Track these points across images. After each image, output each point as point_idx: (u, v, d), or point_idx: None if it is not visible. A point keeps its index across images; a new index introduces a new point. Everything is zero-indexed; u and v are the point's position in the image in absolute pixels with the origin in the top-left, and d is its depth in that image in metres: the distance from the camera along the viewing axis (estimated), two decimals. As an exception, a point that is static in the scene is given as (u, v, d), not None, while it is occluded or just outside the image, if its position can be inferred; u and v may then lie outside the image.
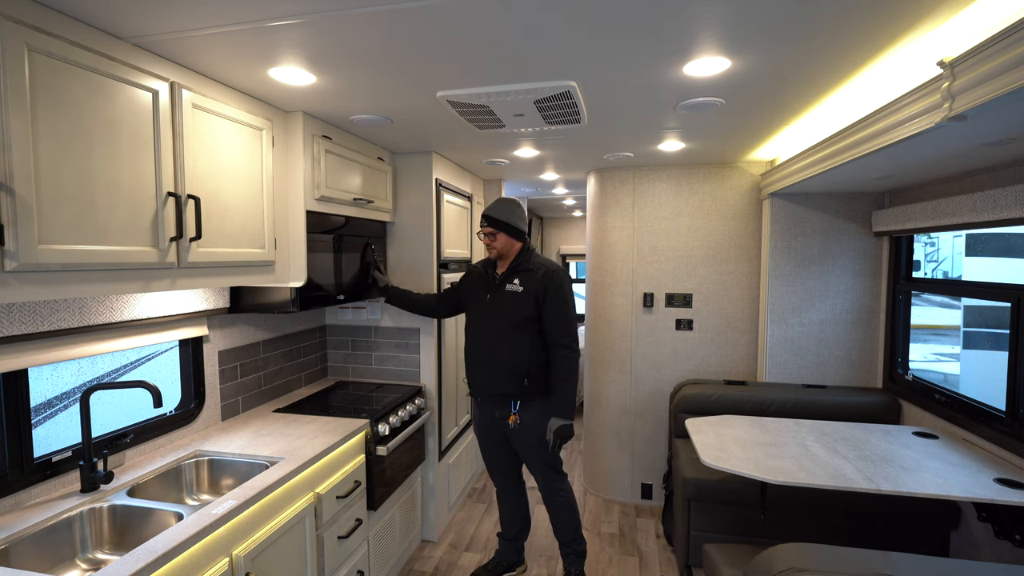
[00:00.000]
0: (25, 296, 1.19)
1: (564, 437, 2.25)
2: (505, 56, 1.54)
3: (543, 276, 2.31)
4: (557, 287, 2.30)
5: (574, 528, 2.47)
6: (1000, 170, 2.03)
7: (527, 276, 2.33)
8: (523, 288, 2.31)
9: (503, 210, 2.34)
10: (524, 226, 2.37)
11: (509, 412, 2.36)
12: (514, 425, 2.34)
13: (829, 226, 2.95)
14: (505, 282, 2.35)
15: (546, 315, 2.29)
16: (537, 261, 2.37)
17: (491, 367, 2.35)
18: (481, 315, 2.40)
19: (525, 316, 2.29)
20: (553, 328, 2.29)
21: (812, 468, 1.94)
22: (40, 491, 1.55)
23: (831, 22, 1.32)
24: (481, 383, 2.41)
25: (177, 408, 2.08)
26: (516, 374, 2.30)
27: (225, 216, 1.76)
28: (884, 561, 1.19)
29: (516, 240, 2.36)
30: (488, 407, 2.43)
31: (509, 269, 2.36)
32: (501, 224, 2.32)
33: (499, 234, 2.34)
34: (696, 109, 2.04)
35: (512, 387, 2.32)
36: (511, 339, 2.30)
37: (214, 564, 1.40)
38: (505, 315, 2.32)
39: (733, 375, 3.27)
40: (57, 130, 1.23)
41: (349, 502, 2.06)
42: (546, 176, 3.80)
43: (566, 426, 2.24)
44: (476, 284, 2.46)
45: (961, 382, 8.14)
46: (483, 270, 2.47)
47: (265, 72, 1.67)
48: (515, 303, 2.31)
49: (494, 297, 2.36)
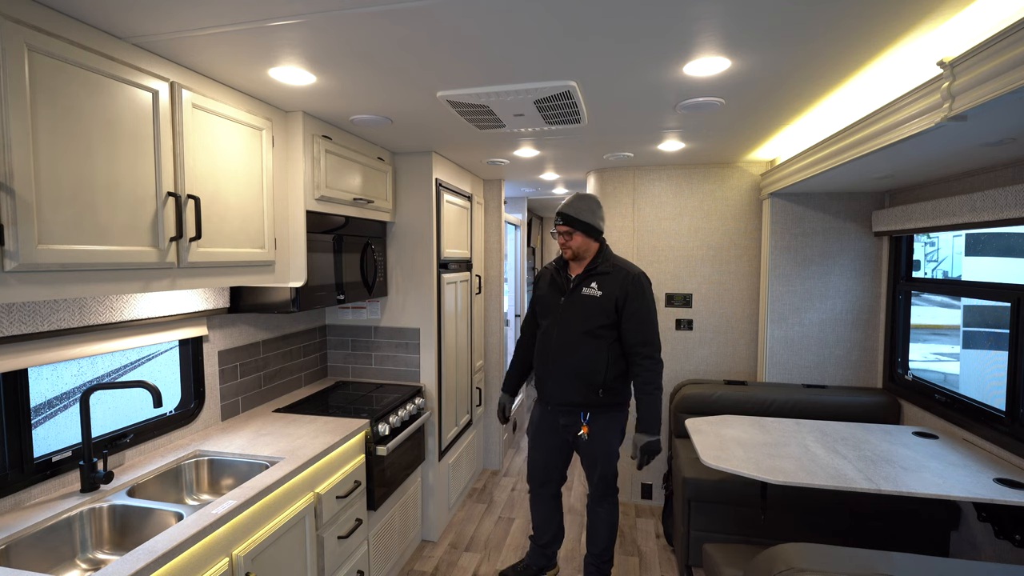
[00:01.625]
0: (25, 296, 1.19)
1: (652, 453, 2.14)
2: (505, 56, 1.54)
3: (623, 280, 2.16)
4: (639, 292, 2.16)
5: (608, 542, 2.36)
6: (1000, 170, 2.03)
7: (605, 280, 2.18)
8: (602, 293, 2.16)
9: (582, 208, 2.18)
10: (603, 225, 2.24)
11: (576, 421, 2.23)
12: (584, 437, 2.21)
13: (829, 226, 2.95)
14: (581, 285, 2.20)
15: (626, 322, 2.15)
16: (615, 263, 2.22)
17: (562, 375, 2.21)
18: (554, 320, 2.25)
19: (603, 323, 2.15)
20: (634, 336, 2.15)
21: (812, 468, 1.94)
22: (40, 491, 1.55)
23: (831, 22, 1.32)
24: (551, 391, 2.26)
25: (177, 408, 2.08)
26: (590, 384, 2.17)
27: (225, 216, 1.76)
28: (884, 561, 1.19)
29: (594, 241, 2.22)
30: (553, 414, 2.29)
31: (585, 271, 2.21)
32: (580, 223, 2.17)
33: (576, 234, 2.18)
34: (696, 109, 2.04)
35: (585, 397, 2.18)
36: (586, 346, 2.16)
37: (214, 564, 1.40)
38: (580, 321, 2.17)
39: (733, 375, 3.27)
40: (57, 130, 1.23)
41: (349, 502, 2.06)
42: (546, 176, 3.81)
43: (654, 442, 2.13)
44: (548, 289, 2.32)
45: (961, 382, 8.15)
46: (555, 271, 2.31)
47: (265, 72, 1.67)
48: (592, 309, 2.16)
49: (568, 301, 2.21)
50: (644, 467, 2.17)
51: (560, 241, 2.23)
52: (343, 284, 2.46)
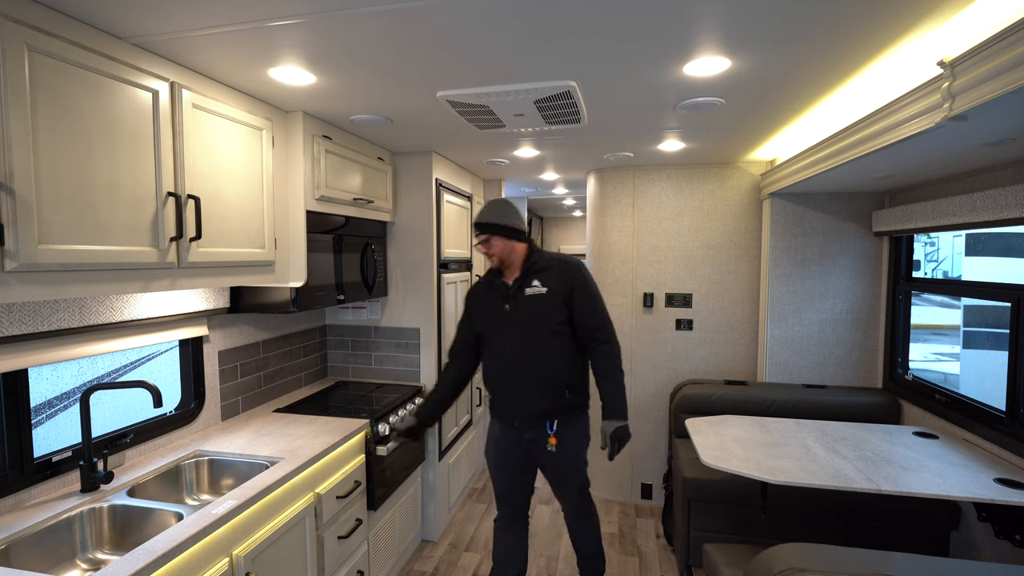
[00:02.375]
0: (25, 296, 1.19)
1: (622, 440, 2.01)
2: (505, 56, 1.54)
3: (564, 272, 2.08)
4: (584, 281, 2.08)
5: (597, 542, 2.27)
6: (1000, 170, 2.03)
7: (547, 276, 2.08)
8: (547, 289, 2.06)
9: (493, 212, 2.09)
10: (522, 224, 2.12)
11: (543, 434, 2.08)
12: (552, 448, 2.07)
13: (829, 226, 2.95)
14: (523, 287, 2.08)
15: (577, 312, 2.06)
16: (551, 258, 2.14)
17: (525, 386, 2.06)
18: (503, 331, 2.10)
19: (559, 319, 2.05)
20: (588, 323, 2.06)
21: (812, 468, 1.94)
22: (40, 491, 1.55)
23: (831, 22, 1.32)
24: (514, 406, 2.10)
25: (177, 408, 2.08)
26: (556, 387, 2.05)
27: (225, 216, 1.76)
28: (884, 561, 1.19)
29: (517, 241, 2.10)
30: (519, 430, 2.13)
31: (523, 273, 2.10)
32: (494, 228, 2.07)
33: (493, 239, 2.07)
34: (696, 109, 2.04)
35: (552, 403, 2.06)
36: (546, 349, 2.05)
37: (214, 564, 1.40)
38: (534, 323, 2.06)
39: (733, 375, 3.27)
40: (57, 130, 1.23)
41: (349, 502, 2.06)
42: (546, 176, 3.81)
43: (623, 428, 2.01)
44: (485, 302, 2.16)
45: (961, 382, 8.15)
46: (488, 284, 2.17)
47: (265, 72, 1.67)
48: (543, 307, 2.05)
49: (515, 307, 2.08)
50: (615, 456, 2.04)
51: (483, 251, 2.12)
52: (343, 284, 2.46)
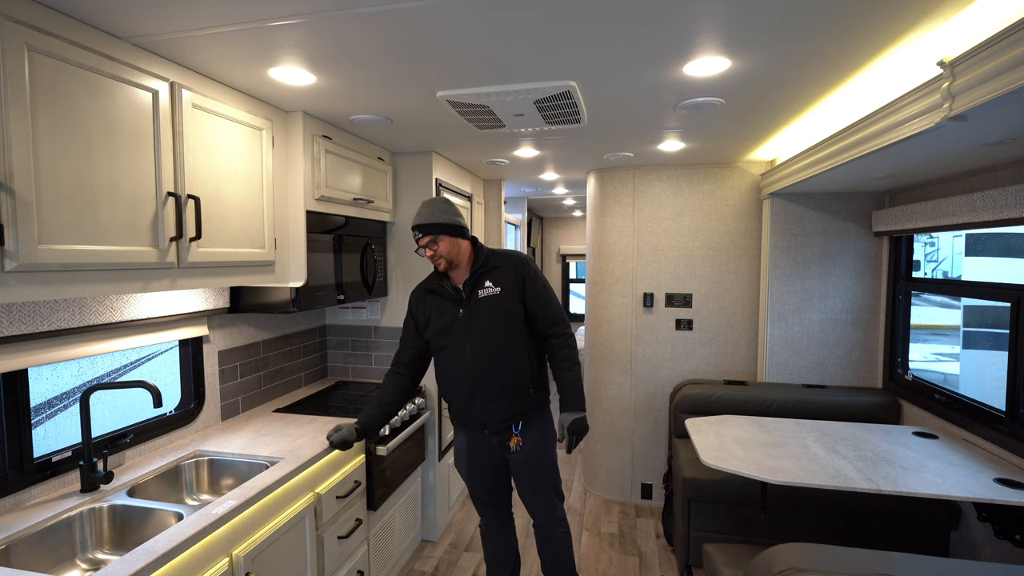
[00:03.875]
0: (25, 296, 1.19)
1: (580, 433, 1.94)
2: (505, 56, 1.54)
3: (513, 268, 2.01)
4: (533, 274, 2.02)
5: (570, 566, 2.16)
6: (1000, 170, 2.03)
7: (497, 274, 2.00)
8: (500, 289, 1.98)
9: (433, 212, 1.98)
10: (464, 220, 2.04)
11: (508, 436, 2.03)
12: (517, 449, 2.01)
13: (829, 226, 2.95)
14: (476, 290, 1.99)
15: (531, 307, 1.99)
16: (498, 255, 2.05)
17: (489, 391, 1.98)
18: (459, 337, 1.99)
19: (519, 319, 1.99)
20: (544, 318, 2.00)
21: (812, 468, 1.94)
22: (40, 491, 1.55)
23: (831, 22, 1.32)
24: (482, 413, 2.01)
25: (177, 408, 2.08)
26: (521, 387, 1.99)
27: (225, 216, 1.76)
28: (884, 561, 1.19)
29: (461, 238, 2.00)
30: (485, 438, 2.07)
31: (473, 274, 2.00)
32: (439, 227, 1.96)
33: (440, 239, 1.95)
34: (696, 109, 2.04)
35: (519, 405, 2.00)
36: (508, 351, 1.98)
37: (214, 564, 1.40)
38: (493, 327, 1.97)
39: (733, 375, 3.27)
40: (57, 130, 1.23)
41: (349, 502, 2.06)
42: (546, 176, 3.81)
43: (580, 420, 1.94)
44: (436, 308, 2.04)
45: (961, 382, 8.15)
46: (435, 288, 2.04)
47: (265, 72, 1.67)
48: (500, 309, 1.98)
49: (469, 311, 1.98)
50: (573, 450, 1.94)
51: (428, 255, 2.00)
52: (343, 284, 2.46)
